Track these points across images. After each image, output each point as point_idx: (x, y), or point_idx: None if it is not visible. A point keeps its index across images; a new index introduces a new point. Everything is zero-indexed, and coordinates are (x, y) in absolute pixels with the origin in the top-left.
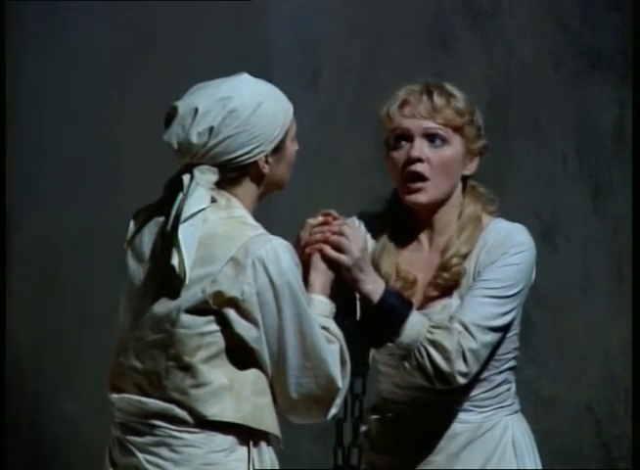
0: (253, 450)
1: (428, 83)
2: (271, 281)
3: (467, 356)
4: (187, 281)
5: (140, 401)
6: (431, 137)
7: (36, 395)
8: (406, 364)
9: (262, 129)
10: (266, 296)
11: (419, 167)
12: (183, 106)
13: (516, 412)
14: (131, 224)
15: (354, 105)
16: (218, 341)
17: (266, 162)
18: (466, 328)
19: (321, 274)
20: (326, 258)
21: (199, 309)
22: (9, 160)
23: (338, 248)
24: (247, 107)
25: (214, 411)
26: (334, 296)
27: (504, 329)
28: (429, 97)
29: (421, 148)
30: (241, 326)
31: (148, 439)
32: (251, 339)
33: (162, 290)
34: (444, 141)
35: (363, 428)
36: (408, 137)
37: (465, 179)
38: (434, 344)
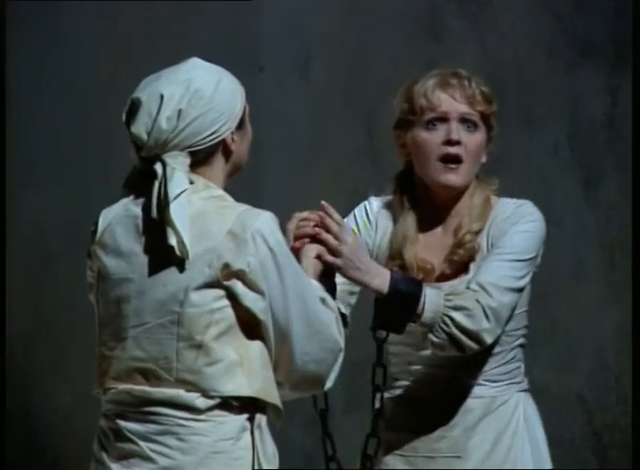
0: (257, 436)
1: (459, 71)
2: (272, 252)
3: (488, 314)
4: (189, 258)
5: (144, 391)
6: (466, 122)
7: (28, 385)
8: (434, 339)
9: (226, 106)
10: (269, 267)
11: (458, 150)
12: (146, 95)
13: (525, 391)
14: (100, 225)
15: (345, 94)
16: (227, 317)
17: (232, 139)
18: (483, 288)
19: (311, 265)
20: (321, 261)
21: (207, 286)
22: (9, 150)
23: (329, 249)
24: (208, 86)
25: (230, 387)
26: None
27: (520, 291)
28: (468, 83)
29: (459, 131)
30: (249, 298)
31: (152, 428)
32: (259, 311)
33: (160, 274)
34: (476, 127)
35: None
36: (444, 119)
37: None
38: (455, 308)
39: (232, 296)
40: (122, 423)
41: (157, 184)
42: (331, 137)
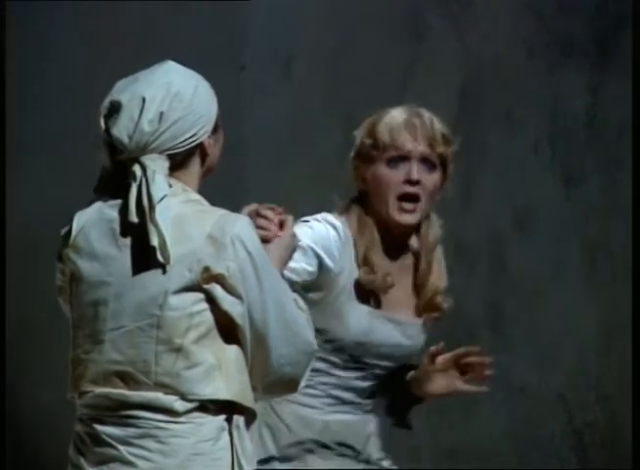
0: (235, 436)
1: (422, 111)
2: (250, 256)
3: None
4: (170, 262)
5: (122, 394)
6: (426, 162)
7: (11, 384)
8: None
9: (204, 109)
10: (247, 271)
11: (417, 189)
12: (127, 97)
13: None
14: (74, 228)
15: (327, 93)
16: (206, 320)
17: (209, 142)
18: None
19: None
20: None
21: (186, 289)
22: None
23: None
24: (188, 88)
25: (209, 391)
26: None
27: None
28: (430, 124)
29: (419, 171)
30: (227, 302)
31: (130, 431)
32: (237, 315)
33: (139, 277)
34: (435, 167)
35: None
36: (405, 158)
37: None
38: None
39: (211, 299)
40: (100, 427)
41: (134, 187)
42: (312, 137)
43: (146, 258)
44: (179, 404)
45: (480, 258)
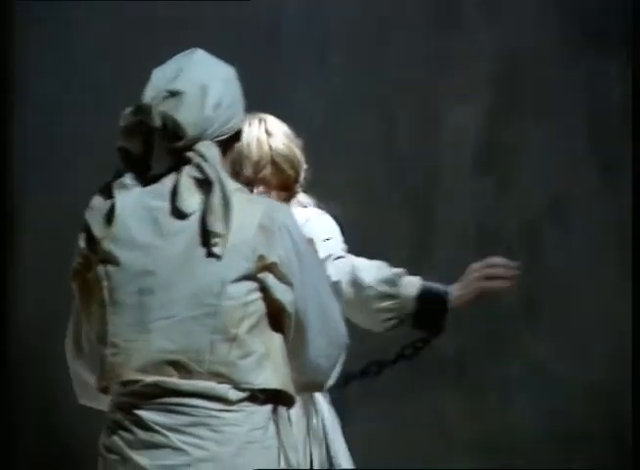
0: (281, 425)
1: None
2: (295, 245)
3: None
4: (223, 251)
5: (173, 383)
6: None
7: (45, 382)
8: None
9: (241, 96)
10: (293, 259)
11: None
12: (185, 86)
13: None
14: (103, 217)
15: (363, 82)
16: (258, 309)
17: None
18: None
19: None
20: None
21: (243, 278)
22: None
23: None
24: (231, 75)
25: (261, 380)
26: None
27: None
28: None
29: None
30: (279, 290)
31: (181, 419)
32: (288, 302)
33: (190, 267)
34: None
35: None
36: None
37: None
38: None
39: (262, 288)
40: (146, 414)
41: (186, 176)
42: (347, 127)
43: (196, 247)
44: (233, 393)
45: (515, 247)
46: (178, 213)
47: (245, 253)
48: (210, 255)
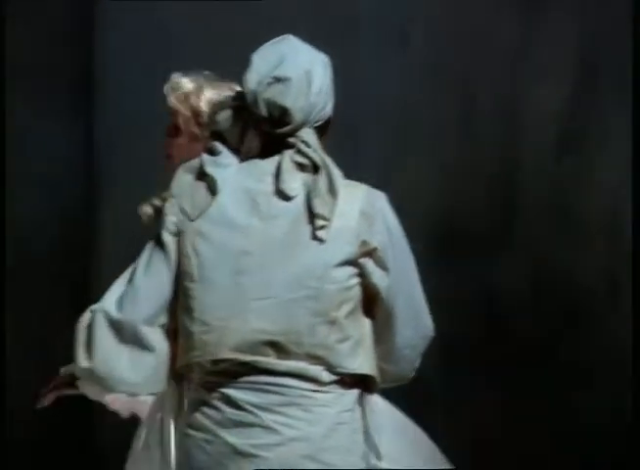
0: (367, 411)
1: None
2: (390, 231)
3: None
4: (326, 235)
5: (269, 363)
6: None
7: None
8: None
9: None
10: (389, 245)
11: None
12: (292, 72)
13: None
14: (195, 193)
15: (442, 62)
16: (355, 295)
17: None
18: None
19: None
20: None
21: (345, 263)
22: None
23: None
24: (326, 60)
25: (355, 365)
26: None
27: None
28: None
29: None
30: (377, 276)
31: (272, 398)
32: (383, 288)
33: (291, 249)
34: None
35: None
36: None
37: None
38: None
39: (360, 274)
40: (235, 393)
41: (289, 161)
42: (426, 106)
43: (298, 230)
44: (325, 375)
45: (597, 230)
46: (281, 196)
47: (348, 237)
48: (315, 238)
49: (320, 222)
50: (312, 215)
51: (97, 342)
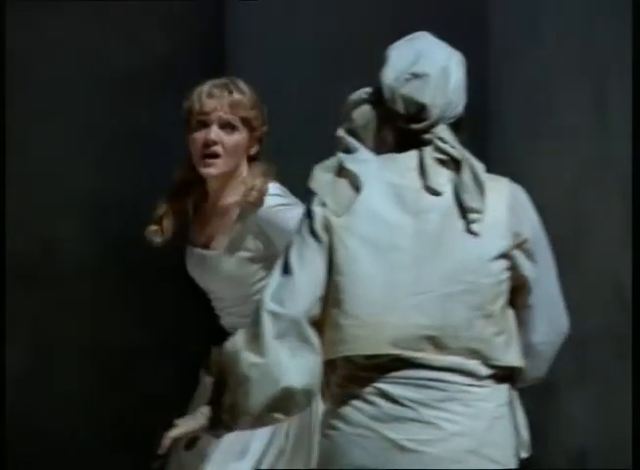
0: (516, 405)
1: (228, 81)
2: (534, 224)
3: None
4: (480, 229)
5: (426, 358)
6: (225, 125)
7: None
8: None
9: None
10: (534, 237)
11: (217, 148)
12: (430, 68)
13: None
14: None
15: (576, 61)
16: (507, 287)
17: None
18: None
19: None
20: None
21: (499, 257)
22: None
23: None
24: (460, 57)
25: (510, 358)
26: None
27: None
28: (229, 92)
29: (217, 133)
30: (527, 268)
31: (432, 394)
32: (532, 281)
33: (444, 244)
34: (235, 128)
35: None
36: (206, 123)
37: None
38: None
39: (511, 266)
40: (390, 388)
41: (430, 157)
42: (560, 105)
43: (450, 225)
44: (482, 369)
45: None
46: (430, 191)
47: (501, 231)
48: (469, 232)
49: (473, 216)
50: (463, 210)
51: (265, 337)
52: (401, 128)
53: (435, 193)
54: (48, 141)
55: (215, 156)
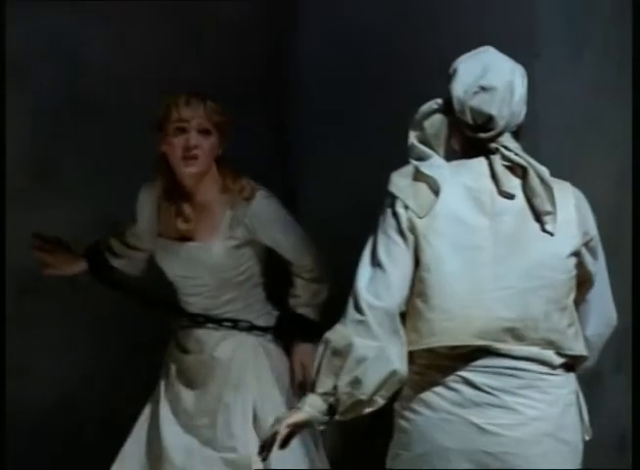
0: (579, 393)
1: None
2: (594, 223)
3: None
4: (554, 229)
5: (507, 348)
6: (202, 131)
7: None
8: None
9: None
10: (596, 236)
11: (196, 151)
12: (498, 82)
13: None
14: (417, 193)
15: (618, 77)
16: (575, 283)
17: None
18: None
19: None
20: None
21: (572, 254)
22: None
23: None
24: (523, 71)
25: (580, 347)
26: None
27: None
28: (204, 102)
29: (196, 138)
30: (591, 263)
31: (513, 382)
32: (594, 275)
33: (520, 243)
34: (209, 133)
35: None
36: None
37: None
38: None
39: (579, 263)
40: (472, 376)
41: (499, 163)
42: (604, 121)
43: (525, 226)
44: (556, 358)
45: None
46: (504, 195)
47: (572, 230)
48: (544, 232)
49: (548, 217)
50: (536, 212)
51: (372, 325)
52: (469, 137)
53: (509, 196)
54: None
55: (195, 158)
